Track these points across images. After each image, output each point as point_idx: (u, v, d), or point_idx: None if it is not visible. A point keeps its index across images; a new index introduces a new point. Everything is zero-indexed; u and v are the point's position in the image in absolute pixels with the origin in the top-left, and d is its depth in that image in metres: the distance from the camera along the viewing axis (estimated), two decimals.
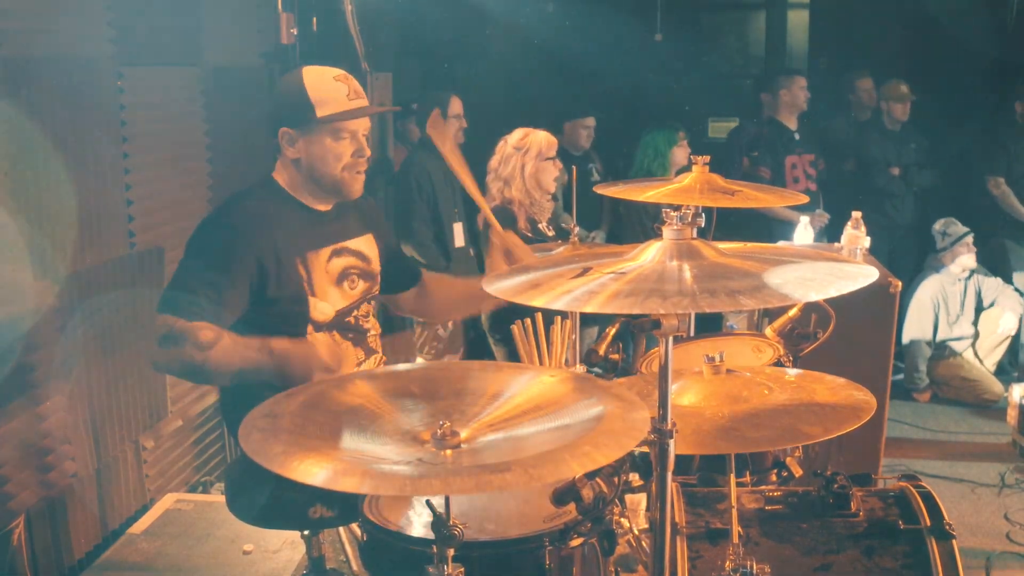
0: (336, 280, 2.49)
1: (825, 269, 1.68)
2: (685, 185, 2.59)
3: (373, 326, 2.61)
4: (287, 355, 2.17)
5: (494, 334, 4.22)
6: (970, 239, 5.59)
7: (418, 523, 1.82)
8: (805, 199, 2.74)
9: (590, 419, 1.63)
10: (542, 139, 4.15)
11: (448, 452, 1.59)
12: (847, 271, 1.66)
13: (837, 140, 6.19)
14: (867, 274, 1.64)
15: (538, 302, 1.62)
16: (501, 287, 1.73)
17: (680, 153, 5.10)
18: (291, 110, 2.38)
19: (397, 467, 1.52)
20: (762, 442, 1.98)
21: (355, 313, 2.54)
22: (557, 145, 4.23)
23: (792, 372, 2.33)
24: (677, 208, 1.75)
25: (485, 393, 1.79)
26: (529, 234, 4.10)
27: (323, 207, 2.50)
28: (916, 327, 5.68)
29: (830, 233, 5.45)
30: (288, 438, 1.57)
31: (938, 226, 5.67)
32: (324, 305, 2.44)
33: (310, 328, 2.42)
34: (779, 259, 1.73)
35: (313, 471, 1.45)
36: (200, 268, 2.28)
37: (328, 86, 2.38)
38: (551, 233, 4.17)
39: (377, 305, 2.73)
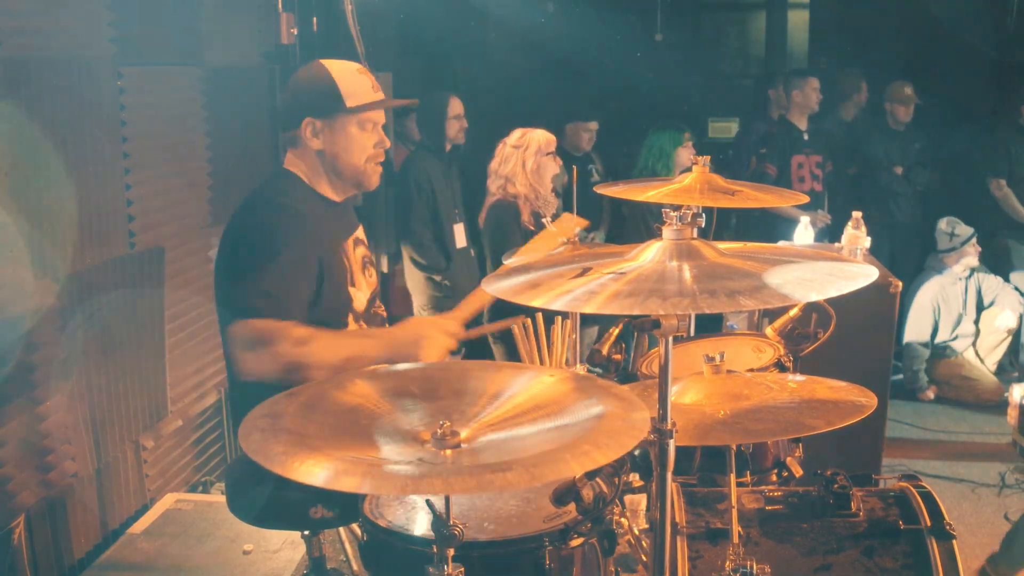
0: (363, 268, 2.54)
1: (825, 269, 1.68)
2: (685, 185, 2.59)
3: (382, 311, 2.65)
4: (398, 339, 2.27)
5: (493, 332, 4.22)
6: (975, 239, 5.59)
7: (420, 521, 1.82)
8: (805, 199, 2.73)
9: (590, 419, 1.63)
10: (540, 136, 4.20)
11: (448, 452, 1.58)
12: (847, 271, 1.66)
13: (838, 141, 6.19)
14: (867, 274, 1.64)
15: (538, 302, 1.62)
16: (501, 287, 1.72)
17: (684, 154, 5.10)
18: (318, 100, 2.39)
19: (398, 467, 1.52)
20: (764, 434, 1.97)
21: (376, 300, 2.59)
22: (555, 142, 4.25)
23: (793, 378, 2.32)
24: (677, 208, 1.75)
25: (485, 393, 1.79)
26: (532, 228, 4.10)
27: (337, 198, 2.52)
28: (918, 327, 5.67)
29: (832, 233, 5.44)
30: (288, 438, 1.57)
31: (943, 225, 5.63)
32: (360, 294, 2.48)
33: (350, 317, 2.45)
34: (779, 259, 1.72)
35: (313, 471, 1.45)
36: (267, 267, 2.27)
37: (354, 78, 2.42)
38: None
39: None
